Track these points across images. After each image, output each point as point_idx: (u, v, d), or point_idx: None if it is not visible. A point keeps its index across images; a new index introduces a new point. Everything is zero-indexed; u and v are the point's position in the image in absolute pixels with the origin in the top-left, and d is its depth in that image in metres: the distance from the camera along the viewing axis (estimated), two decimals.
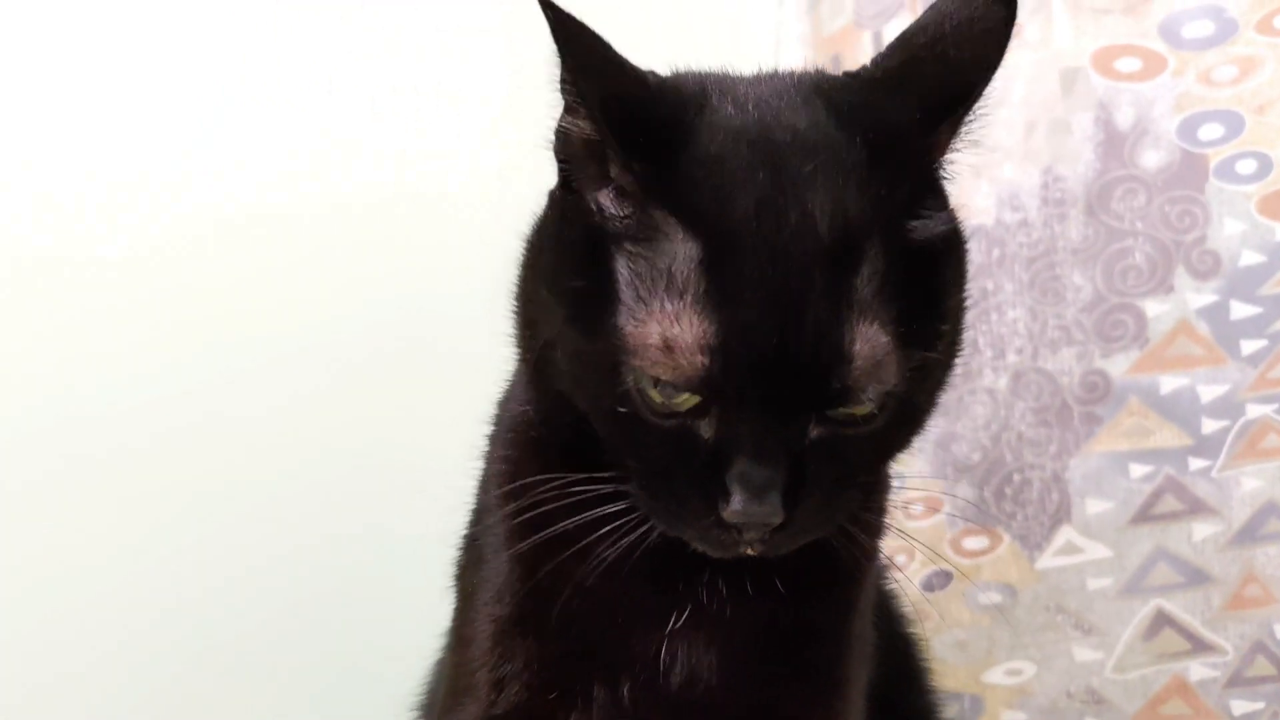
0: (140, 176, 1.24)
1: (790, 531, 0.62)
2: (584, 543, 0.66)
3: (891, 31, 1.22)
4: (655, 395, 0.61)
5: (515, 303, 0.71)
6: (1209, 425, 1.13)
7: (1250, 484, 1.12)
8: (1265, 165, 1.12)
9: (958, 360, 0.70)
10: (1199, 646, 1.13)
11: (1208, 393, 1.13)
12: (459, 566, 0.79)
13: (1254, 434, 1.12)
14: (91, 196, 1.22)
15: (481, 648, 0.73)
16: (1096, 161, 1.16)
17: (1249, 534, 1.12)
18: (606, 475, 0.64)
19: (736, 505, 0.60)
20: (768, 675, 0.72)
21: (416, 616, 0.86)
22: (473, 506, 0.79)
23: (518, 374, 0.76)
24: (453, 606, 0.81)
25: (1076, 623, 1.15)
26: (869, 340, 0.59)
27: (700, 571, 0.69)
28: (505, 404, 0.77)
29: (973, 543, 1.18)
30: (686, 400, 0.61)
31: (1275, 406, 1.11)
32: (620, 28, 1.33)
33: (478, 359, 0.79)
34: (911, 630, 0.93)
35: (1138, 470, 1.14)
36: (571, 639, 0.71)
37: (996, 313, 1.17)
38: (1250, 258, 1.12)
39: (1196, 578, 1.13)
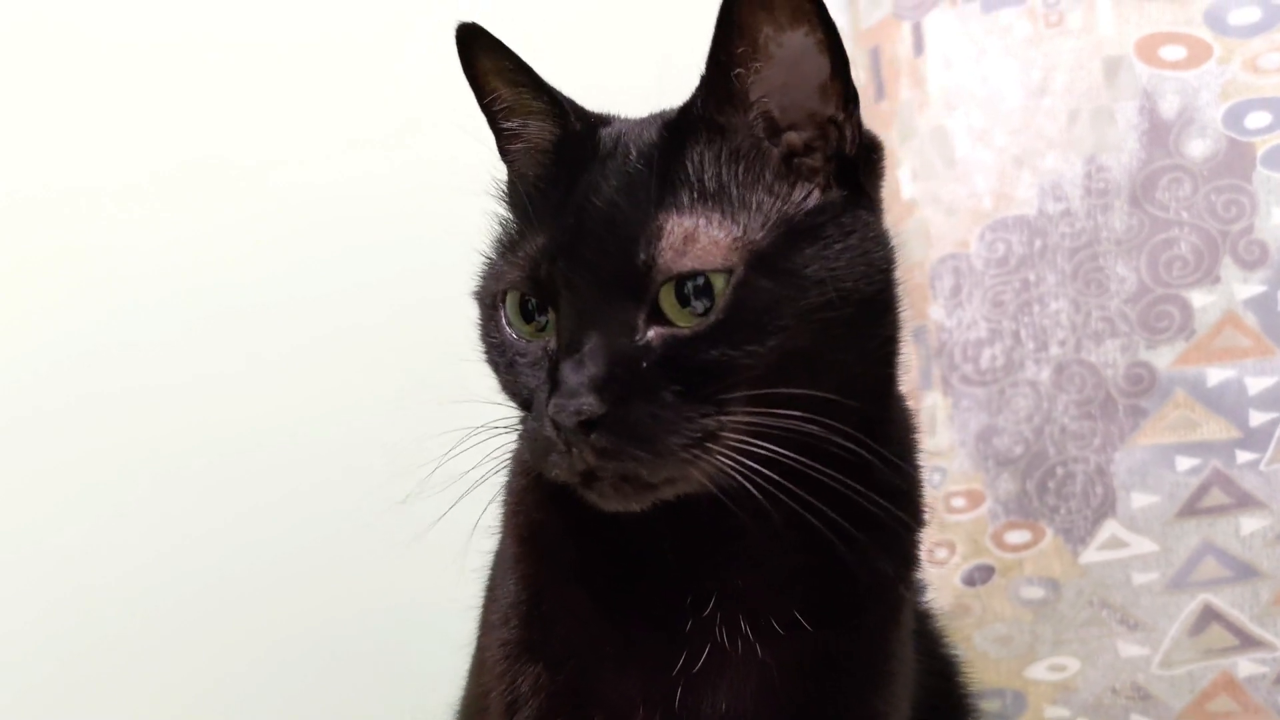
0: (148, 176, 1.25)
1: (616, 433, 0.61)
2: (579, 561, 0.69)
3: (930, 23, 1.21)
4: (524, 326, 0.68)
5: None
6: (1257, 418, 1.11)
7: None
8: None
9: (864, 288, 0.67)
10: (1247, 642, 1.11)
11: (1255, 384, 1.11)
12: (485, 588, 0.81)
13: None
14: (102, 195, 1.23)
15: (494, 670, 0.74)
16: (1141, 151, 1.14)
17: None
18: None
19: (555, 398, 0.62)
20: (804, 715, 0.71)
21: (448, 630, 0.86)
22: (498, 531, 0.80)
23: None
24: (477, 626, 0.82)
25: (1122, 618, 1.14)
26: (678, 223, 0.64)
27: (716, 612, 0.69)
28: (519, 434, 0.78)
29: (1015, 536, 1.16)
30: (552, 322, 0.66)
31: None
32: (657, 24, 1.34)
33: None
34: (951, 652, 0.91)
35: (1184, 463, 1.12)
36: (573, 670, 0.71)
37: (1039, 304, 1.16)
38: None
39: (1245, 572, 1.11)
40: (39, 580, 1.21)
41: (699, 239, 0.63)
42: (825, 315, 0.63)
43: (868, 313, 0.66)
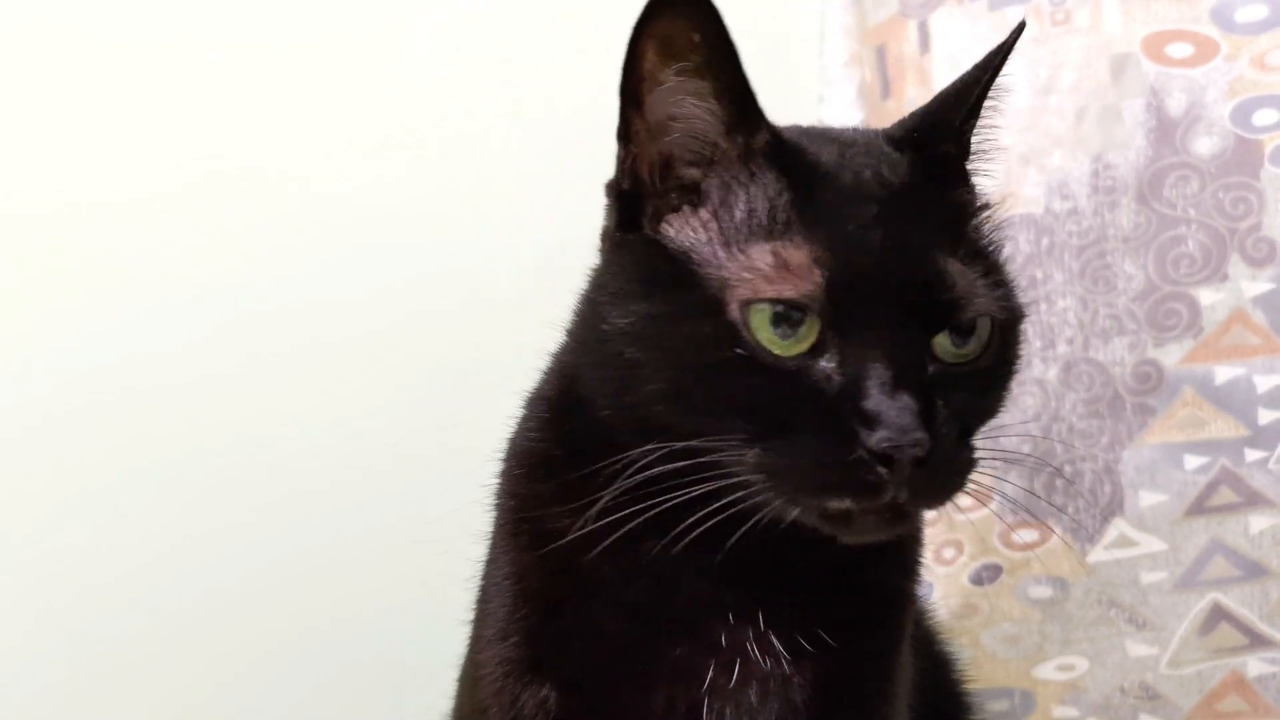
0: (154, 183, 1.25)
1: (931, 472, 0.60)
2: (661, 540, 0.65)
3: (937, 21, 1.21)
4: (772, 338, 0.62)
5: (572, 354, 0.72)
6: (1265, 415, 1.10)
7: None
8: None
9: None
10: (1257, 641, 1.11)
11: (1264, 382, 1.11)
12: (477, 600, 0.78)
13: None
14: (106, 201, 1.23)
15: (491, 688, 0.72)
16: (1148, 148, 1.14)
17: None
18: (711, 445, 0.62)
19: (884, 430, 0.59)
20: None
21: (455, 634, 0.84)
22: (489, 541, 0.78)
23: (529, 412, 0.76)
24: (467, 638, 0.80)
25: (1130, 617, 1.14)
26: (959, 266, 0.65)
27: (747, 625, 0.68)
28: (515, 442, 0.76)
29: (1023, 535, 1.16)
30: (804, 337, 0.62)
31: None
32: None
33: (502, 363, 0.79)
34: (945, 649, 0.91)
35: (1192, 462, 1.12)
36: (592, 691, 0.69)
37: (1046, 302, 1.16)
38: None
39: (1254, 571, 1.11)
40: (47, 581, 1.21)
41: (978, 284, 0.65)
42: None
43: None
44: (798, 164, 0.66)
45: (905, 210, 0.65)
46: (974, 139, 0.71)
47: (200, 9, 1.27)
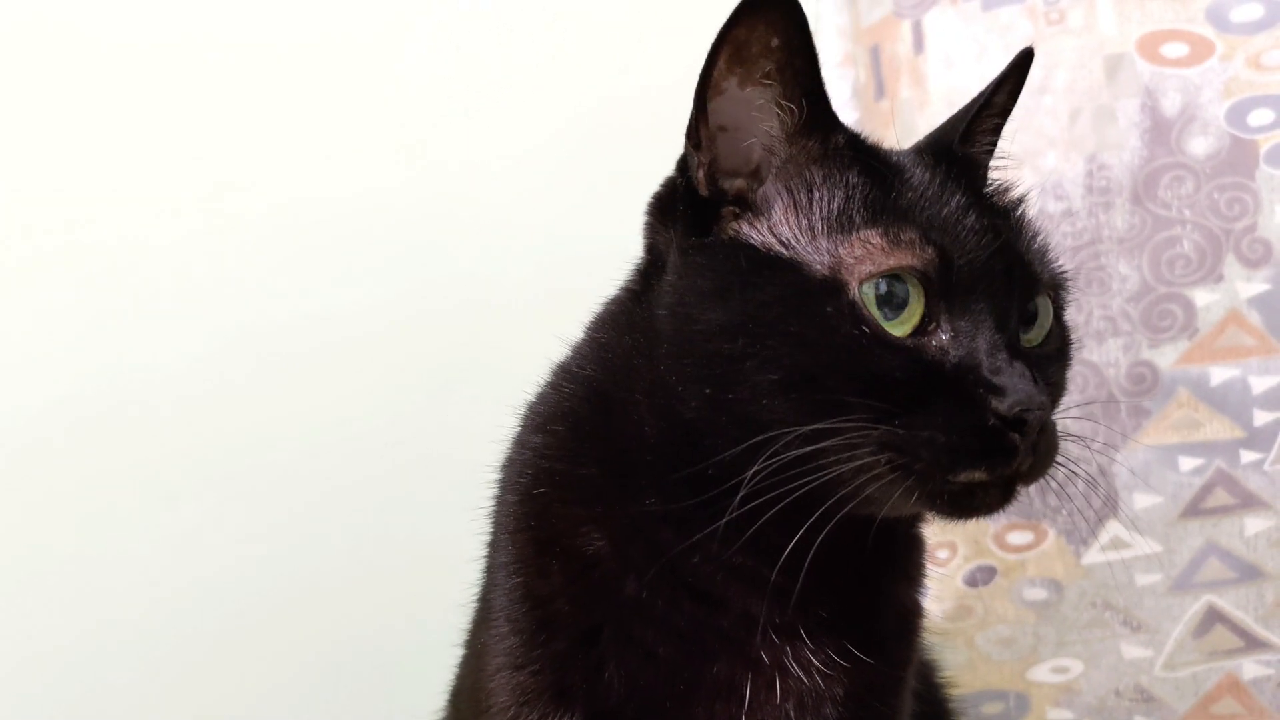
0: (177, 174, 1.25)
1: (1045, 440, 0.63)
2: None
3: (931, 22, 1.20)
4: (881, 318, 0.62)
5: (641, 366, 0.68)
6: (1261, 417, 1.10)
7: None
8: None
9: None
10: (1252, 644, 1.10)
11: (1259, 384, 1.10)
12: (475, 620, 0.77)
13: None
14: (114, 196, 1.24)
15: (502, 715, 0.69)
16: (1143, 149, 1.14)
17: None
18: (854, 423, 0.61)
19: (1014, 395, 0.60)
20: None
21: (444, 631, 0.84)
22: (485, 564, 0.76)
23: (545, 431, 0.73)
24: (459, 667, 0.79)
25: (1125, 619, 1.13)
26: (1026, 242, 0.71)
27: (788, 641, 0.67)
28: (531, 463, 0.73)
29: (1017, 537, 1.16)
30: (909, 317, 0.62)
31: None
32: (656, 24, 1.34)
33: (505, 365, 0.78)
34: (930, 656, 0.91)
35: (1187, 463, 1.11)
36: (628, 716, 0.67)
37: None
38: None
39: (1249, 573, 1.10)
40: (46, 584, 1.22)
41: (1045, 258, 0.71)
42: None
43: None
44: (877, 161, 0.68)
45: (976, 200, 0.68)
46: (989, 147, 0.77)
47: (200, 11, 1.27)
